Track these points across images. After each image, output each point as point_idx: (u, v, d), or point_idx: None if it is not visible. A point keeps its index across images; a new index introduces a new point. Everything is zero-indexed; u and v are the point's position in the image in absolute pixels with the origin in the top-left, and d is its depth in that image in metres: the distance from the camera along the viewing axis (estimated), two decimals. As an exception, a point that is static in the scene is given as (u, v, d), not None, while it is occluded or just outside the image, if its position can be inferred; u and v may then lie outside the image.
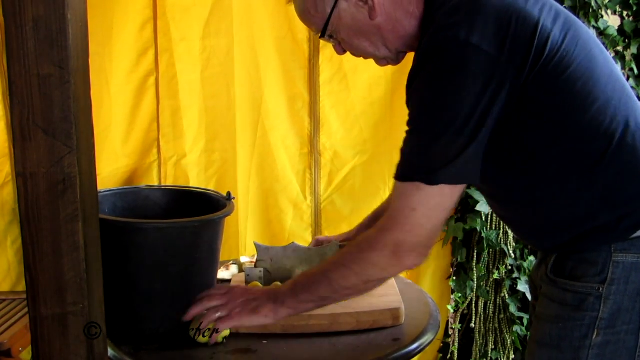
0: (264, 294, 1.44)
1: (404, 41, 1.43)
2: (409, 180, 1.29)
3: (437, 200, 1.28)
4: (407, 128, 1.33)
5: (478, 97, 1.24)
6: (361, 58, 2.58)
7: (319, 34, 1.45)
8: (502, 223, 2.71)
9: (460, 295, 2.76)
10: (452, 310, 2.82)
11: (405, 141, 1.32)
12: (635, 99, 1.40)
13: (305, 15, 1.46)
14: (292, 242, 1.71)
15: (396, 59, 1.49)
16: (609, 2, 2.64)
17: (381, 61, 1.50)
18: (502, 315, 2.79)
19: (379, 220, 1.38)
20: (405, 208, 1.28)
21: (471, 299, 2.76)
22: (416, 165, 1.29)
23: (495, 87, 1.24)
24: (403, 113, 2.69)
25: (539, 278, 1.49)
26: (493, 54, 1.23)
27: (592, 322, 1.34)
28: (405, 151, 1.32)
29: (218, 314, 1.43)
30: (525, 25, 1.26)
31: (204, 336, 1.44)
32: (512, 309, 2.74)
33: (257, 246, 1.70)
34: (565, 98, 1.30)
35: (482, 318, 2.79)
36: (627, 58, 2.71)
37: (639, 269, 1.33)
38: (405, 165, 1.31)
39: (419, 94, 1.31)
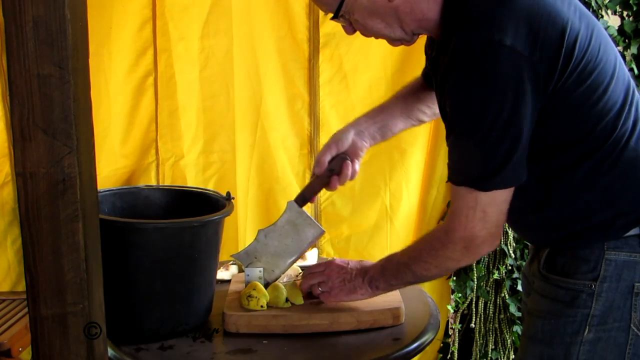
0: (358, 275, 1.57)
1: (420, 24, 1.40)
2: (461, 185, 1.32)
3: (491, 197, 1.31)
4: (447, 129, 1.35)
5: (515, 100, 1.24)
6: (360, 58, 2.58)
7: (332, 15, 1.42)
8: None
9: (460, 295, 2.76)
10: (452, 310, 2.82)
11: (451, 144, 1.34)
12: None
13: None
14: (258, 230, 1.70)
15: (411, 40, 1.46)
16: (609, 2, 2.64)
17: (395, 42, 1.46)
18: (502, 315, 2.78)
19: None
20: (464, 207, 1.32)
21: (471, 299, 2.76)
22: (465, 172, 1.32)
23: (530, 87, 1.24)
24: (403, 113, 2.69)
25: (532, 274, 1.50)
26: (527, 55, 1.23)
27: (584, 318, 1.36)
28: (453, 156, 1.34)
29: (320, 290, 1.60)
30: (555, 25, 1.26)
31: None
32: (512, 309, 2.74)
33: (236, 257, 1.70)
34: (586, 105, 1.31)
35: (482, 318, 2.78)
36: (627, 58, 2.70)
37: (630, 267, 1.35)
38: (455, 171, 1.34)
39: (456, 98, 1.30)
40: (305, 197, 1.70)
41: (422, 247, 1.45)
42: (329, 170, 1.66)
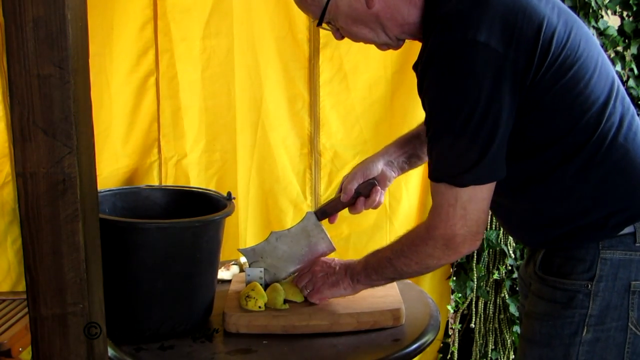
0: (341, 269, 1.59)
1: (402, 29, 1.43)
2: (439, 182, 1.32)
3: (470, 194, 1.31)
4: (426, 127, 1.35)
5: (490, 95, 1.25)
6: (361, 58, 2.58)
7: (316, 22, 1.45)
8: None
9: (460, 295, 2.76)
10: (452, 311, 2.82)
11: (428, 142, 1.34)
12: (628, 99, 1.41)
13: (302, 3, 1.47)
14: (271, 232, 1.70)
15: (396, 45, 1.49)
16: (609, 2, 2.64)
17: (382, 46, 1.50)
18: (502, 316, 2.78)
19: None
20: (444, 204, 1.32)
21: (471, 299, 2.76)
22: (442, 168, 1.32)
23: (506, 83, 1.25)
24: (403, 113, 2.72)
25: (528, 276, 1.50)
26: (501, 51, 1.24)
27: (582, 319, 1.36)
28: (431, 153, 1.35)
29: (307, 291, 1.61)
30: (531, 22, 1.27)
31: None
32: (512, 309, 2.74)
33: (243, 252, 1.69)
34: (567, 98, 1.31)
35: (482, 318, 2.79)
36: (627, 58, 2.70)
37: (626, 266, 1.35)
38: (433, 167, 1.34)
39: (432, 96, 1.32)
40: (326, 211, 1.70)
41: (404, 242, 1.46)
42: (356, 193, 1.67)
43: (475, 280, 2.72)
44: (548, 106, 1.31)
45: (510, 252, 2.71)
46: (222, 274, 1.85)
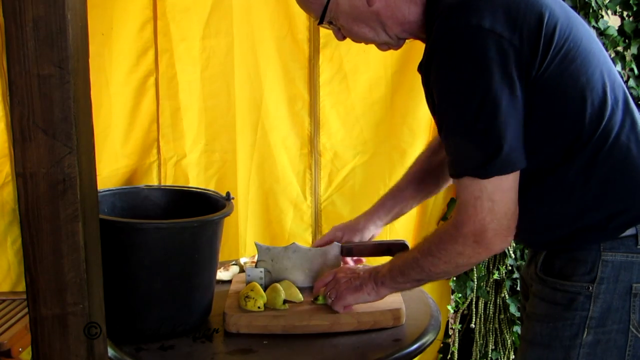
0: (365, 273, 1.54)
1: (403, 27, 1.43)
2: (461, 177, 1.30)
3: (496, 184, 1.27)
4: (438, 123, 1.34)
5: (500, 81, 1.23)
6: (361, 58, 2.58)
7: (317, 21, 1.45)
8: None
9: (460, 295, 2.76)
10: (452, 311, 2.82)
11: (444, 137, 1.33)
12: (630, 99, 1.41)
13: (303, 2, 1.47)
14: (293, 243, 1.71)
15: (397, 45, 1.48)
16: (609, 2, 2.64)
17: (382, 46, 1.49)
18: (502, 316, 2.78)
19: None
20: (470, 199, 1.29)
21: (471, 300, 2.76)
22: (463, 162, 1.30)
23: (514, 68, 1.24)
24: (403, 113, 2.71)
25: (529, 277, 1.49)
26: (507, 36, 1.23)
27: (583, 321, 1.35)
28: (449, 149, 1.33)
29: (330, 299, 1.56)
30: (534, 11, 1.27)
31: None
32: (512, 309, 2.74)
33: (258, 246, 1.70)
34: (569, 94, 1.30)
35: (482, 318, 2.78)
36: (627, 58, 2.70)
37: (628, 268, 1.34)
38: (454, 163, 1.32)
39: (440, 88, 1.30)
40: (351, 250, 1.72)
41: (431, 240, 1.40)
42: (387, 247, 1.75)
43: (475, 280, 2.71)
44: (550, 100, 1.30)
45: (510, 252, 2.71)
46: (222, 274, 1.85)
